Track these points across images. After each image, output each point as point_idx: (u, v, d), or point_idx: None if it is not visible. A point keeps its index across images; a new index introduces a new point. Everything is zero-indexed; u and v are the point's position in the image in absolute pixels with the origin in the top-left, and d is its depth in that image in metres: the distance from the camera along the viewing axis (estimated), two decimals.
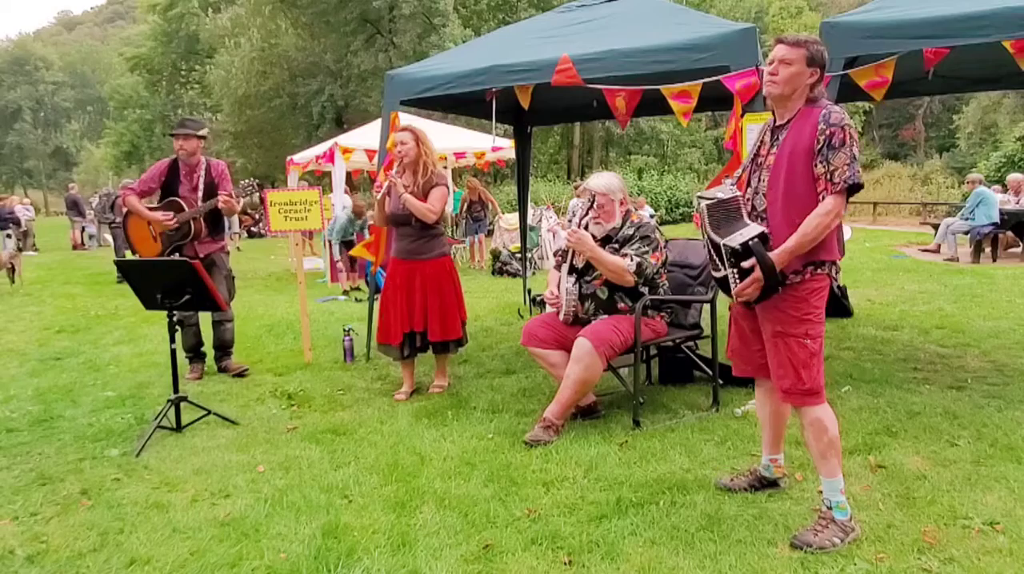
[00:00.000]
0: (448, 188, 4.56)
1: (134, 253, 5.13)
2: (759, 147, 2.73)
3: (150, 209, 4.95)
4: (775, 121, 2.69)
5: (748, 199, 2.68)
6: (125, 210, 5.08)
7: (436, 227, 4.50)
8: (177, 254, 4.88)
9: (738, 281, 2.54)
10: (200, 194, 4.94)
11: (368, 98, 22.94)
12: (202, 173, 4.96)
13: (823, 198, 2.49)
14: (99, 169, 49.46)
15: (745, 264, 2.49)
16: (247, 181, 5.21)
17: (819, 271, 2.58)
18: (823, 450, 2.60)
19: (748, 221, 2.58)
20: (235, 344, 5.38)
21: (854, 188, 2.47)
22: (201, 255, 4.91)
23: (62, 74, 61.85)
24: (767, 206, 2.60)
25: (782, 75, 2.55)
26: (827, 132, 2.46)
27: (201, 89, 31.17)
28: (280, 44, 25.10)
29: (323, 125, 24.75)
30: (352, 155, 10.64)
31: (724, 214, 2.58)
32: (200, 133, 5.04)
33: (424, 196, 4.38)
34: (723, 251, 2.54)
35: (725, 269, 2.57)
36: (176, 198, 4.92)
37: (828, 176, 2.46)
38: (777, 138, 2.64)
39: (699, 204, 2.62)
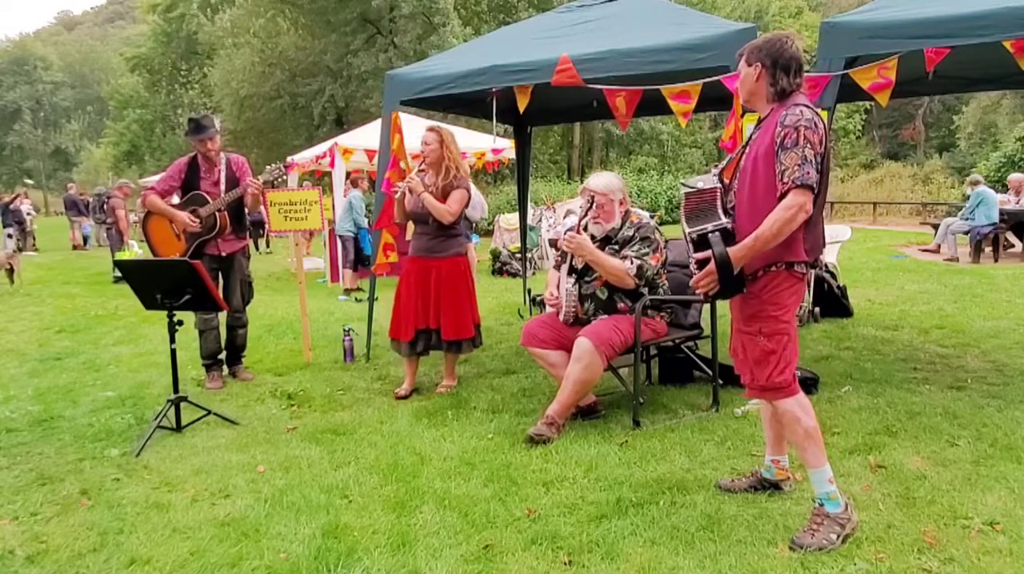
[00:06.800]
0: (469, 191, 4.56)
1: (155, 255, 4.91)
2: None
3: (173, 206, 4.84)
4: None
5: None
6: (144, 211, 4.93)
7: (455, 227, 4.56)
8: (202, 252, 4.77)
9: (697, 272, 2.61)
10: (222, 188, 4.85)
11: (369, 98, 22.90)
12: (223, 167, 4.89)
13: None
14: (99, 169, 49.38)
15: (698, 255, 2.56)
16: (273, 165, 5.05)
17: (779, 269, 2.58)
18: (800, 441, 2.62)
19: (720, 215, 2.60)
20: None
21: (807, 189, 2.45)
22: (224, 254, 4.88)
23: (62, 74, 61.75)
24: (735, 204, 2.66)
25: (737, 85, 2.76)
26: (781, 134, 2.48)
27: (201, 89, 31.17)
28: (280, 44, 25.08)
29: (323, 125, 24.72)
30: (352, 155, 10.64)
31: (699, 205, 2.63)
32: (218, 127, 4.97)
33: (444, 197, 4.42)
34: (687, 240, 2.64)
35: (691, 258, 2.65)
36: (199, 192, 4.82)
37: (780, 176, 2.48)
38: (752, 138, 2.70)
39: (681, 191, 2.71)
